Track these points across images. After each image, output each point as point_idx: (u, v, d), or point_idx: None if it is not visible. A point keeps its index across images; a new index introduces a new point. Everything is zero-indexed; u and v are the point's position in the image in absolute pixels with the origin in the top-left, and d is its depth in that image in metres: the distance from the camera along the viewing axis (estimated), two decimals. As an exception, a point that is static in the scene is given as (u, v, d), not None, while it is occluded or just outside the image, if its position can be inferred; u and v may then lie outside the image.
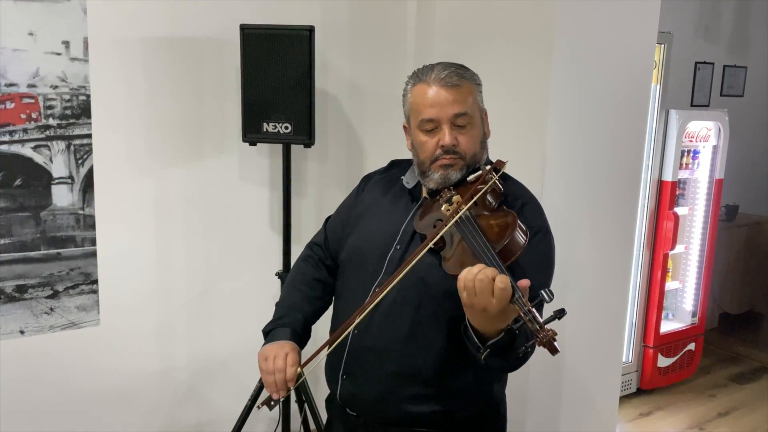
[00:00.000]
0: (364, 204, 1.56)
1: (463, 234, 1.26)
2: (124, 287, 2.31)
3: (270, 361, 1.41)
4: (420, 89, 1.40)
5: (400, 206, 1.49)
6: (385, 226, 1.46)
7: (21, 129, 2.06)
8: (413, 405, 1.39)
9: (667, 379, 3.70)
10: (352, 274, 1.48)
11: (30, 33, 2.03)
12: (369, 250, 1.45)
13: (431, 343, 1.37)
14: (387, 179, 1.58)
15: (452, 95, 1.37)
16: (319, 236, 1.66)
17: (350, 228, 1.54)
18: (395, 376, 1.39)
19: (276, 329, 1.49)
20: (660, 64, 3.42)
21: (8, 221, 2.09)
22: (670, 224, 3.53)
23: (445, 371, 1.38)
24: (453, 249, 1.28)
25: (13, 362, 2.15)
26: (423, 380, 1.38)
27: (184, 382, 2.48)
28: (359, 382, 1.43)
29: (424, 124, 1.39)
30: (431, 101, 1.37)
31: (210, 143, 2.39)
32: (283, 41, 2.10)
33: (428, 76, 1.40)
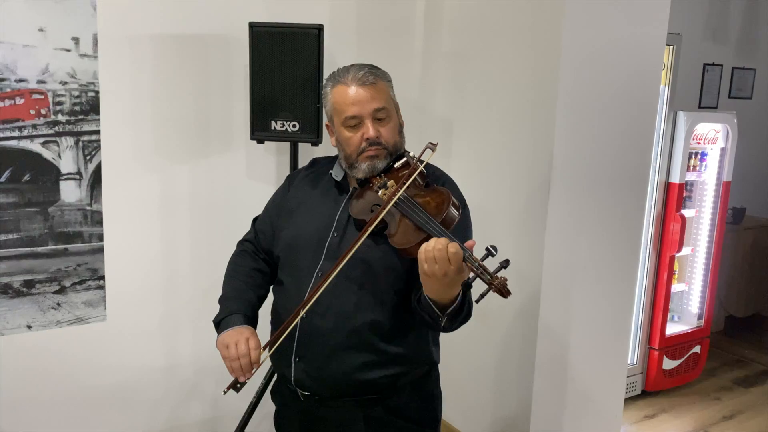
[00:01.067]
0: (295, 200, 1.66)
1: (404, 212, 1.42)
2: (130, 283, 2.32)
3: (232, 347, 1.47)
4: (340, 90, 1.53)
5: (331, 198, 1.61)
6: (319, 216, 1.58)
7: (30, 125, 2.07)
8: (364, 373, 1.51)
9: (672, 381, 3.69)
10: (292, 265, 1.58)
11: (40, 29, 2.04)
12: (306, 241, 1.56)
13: (375, 315, 1.50)
14: (313, 175, 1.70)
15: (370, 93, 1.51)
16: (249, 234, 1.77)
17: (282, 223, 1.65)
18: (345, 349, 1.50)
19: (227, 317, 1.56)
20: (668, 65, 3.40)
21: (16, 216, 2.10)
22: (676, 226, 3.51)
23: (390, 338, 1.52)
24: (396, 227, 1.43)
25: (21, 357, 2.17)
26: (371, 349, 1.50)
27: (189, 378, 2.49)
28: (312, 362, 1.52)
29: (348, 120, 1.52)
30: (352, 100, 1.51)
31: (217, 141, 2.40)
32: (292, 39, 2.10)
33: (345, 77, 1.53)
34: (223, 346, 1.50)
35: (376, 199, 1.50)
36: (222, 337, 1.52)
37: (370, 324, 1.50)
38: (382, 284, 1.51)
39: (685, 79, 3.85)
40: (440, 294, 1.33)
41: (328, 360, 1.51)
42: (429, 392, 1.65)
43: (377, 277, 1.50)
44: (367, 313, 1.50)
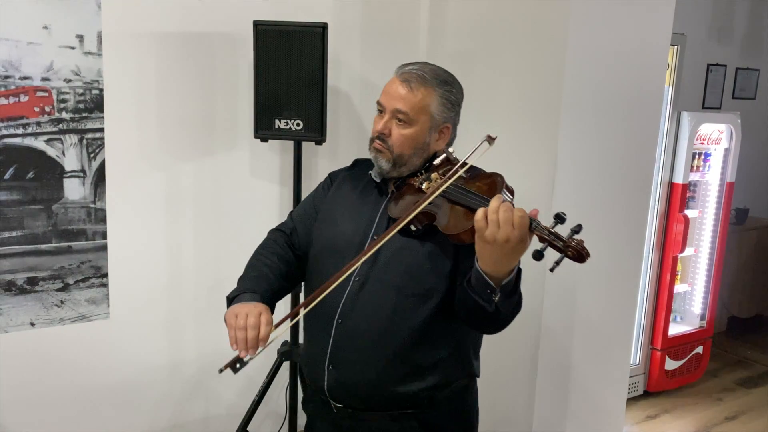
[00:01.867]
0: (334, 199, 1.60)
1: (455, 200, 1.35)
2: (134, 281, 2.32)
3: (242, 317, 1.33)
4: (392, 78, 1.51)
5: (371, 199, 1.55)
6: (358, 218, 1.52)
7: (34, 122, 2.08)
8: (400, 385, 1.43)
9: (674, 382, 3.69)
10: (328, 266, 1.48)
11: (44, 27, 2.04)
12: (344, 242, 1.49)
13: (415, 322, 1.41)
14: (353, 175, 1.64)
15: (403, 91, 1.46)
16: (285, 225, 1.66)
17: (319, 222, 1.59)
18: (383, 359, 1.42)
19: (243, 294, 1.43)
20: (673, 65, 3.40)
21: (20, 214, 2.10)
22: (680, 227, 3.51)
23: (430, 348, 1.43)
24: (447, 216, 1.36)
25: (24, 354, 2.17)
26: (409, 359, 1.42)
27: (192, 376, 2.49)
28: (347, 371, 1.44)
29: (378, 105, 1.51)
30: (386, 89, 1.49)
31: (221, 139, 2.40)
32: (296, 38, 2.10)
33: (403, 69, 1.50)
34: (231, 315, 1.36)
35: (417, 195, 1.43)
36: (233, 308, 1.38)
37: (409, 332, 1.41)
38: (422, 290, 1.42)
39: (689, 80, 3.84)
40: (497, 265, 1.24)
41: (362, 368, 1.42)
42: (467, 407, 1.57)
43: (419, 282, 1.41)
44: (406, 321, 1.41)
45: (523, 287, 1.38)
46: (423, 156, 1.51)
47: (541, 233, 1.20)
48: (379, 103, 1.50)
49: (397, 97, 1.46)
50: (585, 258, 1.18)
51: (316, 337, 1.48)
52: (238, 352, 1.34)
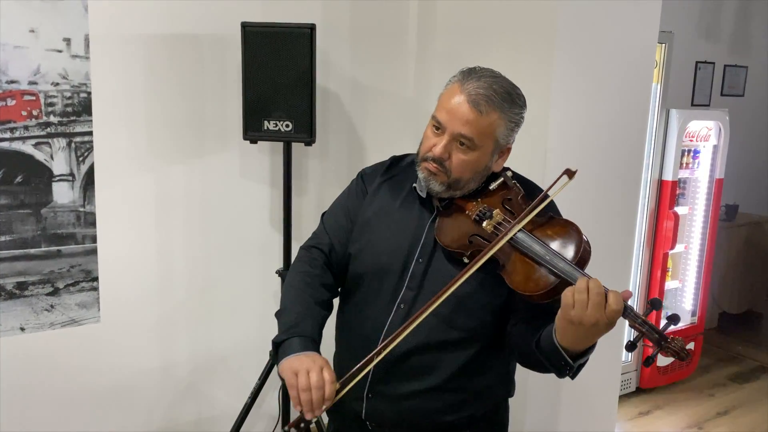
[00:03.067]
0: (372, 209, 1.46)
1: (524, 250, 1.22)
2: (124, 284, 2.31)
3: (303, 376, 1.23)
4: (454, 89, 1.33)
5: (413, 214, 1.42)
6: (401, 236, 1.40)
7: (22, 126, 2.07)
8: (445, 415, 1.38)
9: (666, 378, 3.70)
10: (369, 288, 1.41)
11: (31, 30, 2.03)
12: (387, 264, 1.38)
13: (464, 355, 1.36)
14: (392, 182, 1.49)
15: (470, 115, 1.30)
16: (321, 238, 1.52)
17: (357, 234, 1.46)
18: (428, 392, 1.36)
19: (292, 339, 1.32)
20: (661, 63, 3.41)
21: (9, 218, 2.09)
22: (670, 223, 3.53)
23: (476, 379, 1.38)
24: (512, 265, 1.23)
25: (14, 359, 2.16)
26: (455, 390, 1.37)
27: (184, 378, 2.49)
28: (388, 401, 1.38)
29: (435, 121, 1.35)
30: (449, 106, 1.31)
31: (211, 141, 2.40)
32: (285, 39, 2.10)
33: (468, 81, 1.32)
34: (291, 373, 1.25)
35: (475, 229, 1.30)
36: (290, 362, 1.27)
37: (457, 366, 1.35)
38: (476, 323, 1.34)
39: (677, 77, 3.87)
40: (578, 343, 1.16)
41: (405, 400, 1.37)
42: (500, 423, 1.52)
43: (471, 316, 1.34)
44: (455, 355, 1.35)
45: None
46: (480, 180, 1.38)
47: (634, 321, 1.12)
48: (436, 119, 1.33)
49: (463, 120, 1.29)
50: (686, 359, 1.10)
51: (354, 361, 1.33)
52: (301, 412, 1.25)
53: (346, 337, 1.48)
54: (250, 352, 2.51)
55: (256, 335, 2.46)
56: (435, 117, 1.35)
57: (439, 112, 1.34)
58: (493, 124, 1.32)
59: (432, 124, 1.36)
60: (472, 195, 1.37)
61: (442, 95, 1.36)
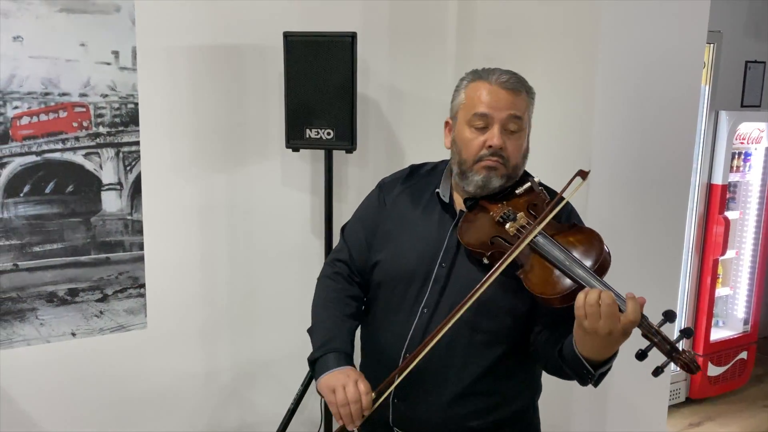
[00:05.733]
0: (393, 218, 1.49)
1: (544, 254, 1.23)
2: (170, 291, 2.36)
3: (340, 392, 1.30)
4: (478, 85, 1.38)
5: (434, 220, 1.44)
6: (423, 243, 1.42)
7: (73, 137, 2.13)
8: (472, 420, 1.39)
9: (717, 388, 3.59)
10: (392, 295, 1.43)
11: (82, 44, 2.10)
12: (409, 269, 1.41)
13: (490, 360, 1.36)
14: (412, 189, 1.52)
15: (511, 97, 1.35)
16: (342, 252, 1.57)
17: (379, 244, 1.48)
18: (454, 396, 1.37)
19: (326, 356, 1.38)
20: (709, 64, 3.33)
21: (61, 227, 2.15)
22: (720, 229, 3.43)
23: (503, 383, 1.39)
24: (531, 268, 1.24)
25: (66, 363, 2.22)
26: (481, 395, 1.38)
27: (227, 384, 2.52)
28: (415, 406, 1.40)
29: (476, 119, 1.36)
30: (489, 98, 1.35)
31: (253, 149, 2.43)
32: (326, 48, 2.12)
33: (490, 76, 1.38)
34: (329, 390, 1.32)
35: (498, 231, 1.32)
36: (327, 380, 1.34)
37: (482, 370, 1.37)
38: (499, 326, 1.35)
39: (726, 78, 3.76)
40: (597, 353, 1.18)
41: (433, 405, 1.39)
42: (528, 424, 1.52)
43: (494, 319, 1.35)
44: (480, 359, 1.36)
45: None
46: (525, 161, 1.45)
47: (647, 331, 1.13)
48: (480, 116, 1.35)
49: (508, 104, 1.35)
50: (695, 372, 1.11)
51: (378, 368, 1.40)
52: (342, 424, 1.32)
53: (372, 344, 1.49)
54: (292, 358, 2.53)
55: (298, 341, 2.46)
56: (475, 115, 1.36)
57: (479, 107, 1.35)
58: (526, 102, 1.39)
59: (472, 125, 1.37)
60: (498, 198, 1.39)
61: (468, 96, 1.39)
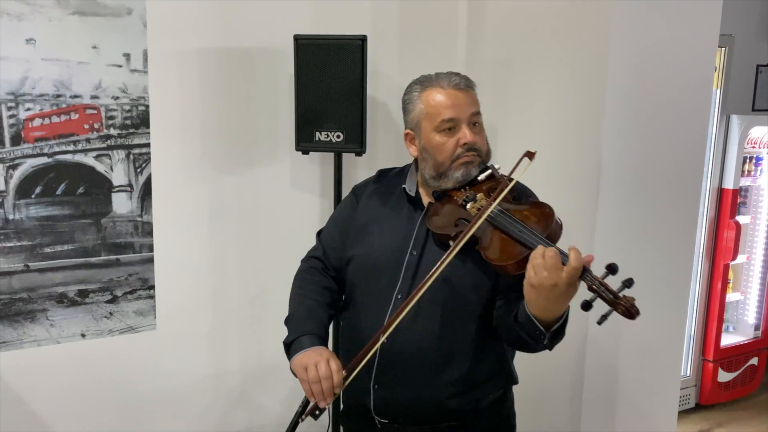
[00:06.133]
0: (364, 216, 1.58)
1: (500, 227, 1.33)
2: (179, 292, 2.36)
3: (312, 369, 1.37)
4: (434, 92, 1.48)
5: (403, 214, 1.53)
6: (393, 234, 1.51)
7: (84, 139, 2.14)
8: (448, 400, 1.44)
9: (728, 394, 3.56)
10: (368, 286, 1.49)
11: (94, 46, 2.11)
12: (382, 260, 1.48)
13: (461, 337, 1.43)
14: (381, 189, 1.62)
15: (468, 97, 1.48)
16: (317, 251, 1.67)
17: (352, 241, 1.56)
18: (430, 376, 1.43)
19: (301, 338, 1.46)
20: (720, 67, 3.30)
21: (71, 228, 2.17)
22: (731, 233, 3.40)
23: (476, 362, 1.44)
24: (489, 241, 1.34)
25: (75, 364, 2.23)
26: (456, 374, 1.43)
27: (236, 386, 2.52)
28: (393, 390, 1.45)
29: (444, 124, 1.46)
30: (450, 103, 1.46)
31: (263, 152, 2.43)
32: (336, 51, 2.12)
33: (439, 81, 1.49)
34: (301, 368, 1.39)
35: (461, 213, 1.42)
36: (300, 358, 1.41)
37: (455, 348, 1.43)
38: (468, 305, 1.43)
39: (737, 82, 3.73)
40: (546, 310, 1.24)
41: (411, 387, 1.44)
42: (506, 414, 1.58)
43: (462, 298, 1.42)
44: (452, 337, 1.42)
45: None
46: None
47: (591, 283, 1.18)
48: (447, 121, 1.46)
49: (468, 103, 1.47)
50: (635, 317, 1.16)
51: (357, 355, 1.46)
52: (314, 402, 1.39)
53: (352, 334, 1.55)
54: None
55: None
56: (443, 121, 1.46)
57: (444, 113, 1.46)
58: (476, 97, 1.52)
59: (439, 132, 1.47)
60: (463, 186, 1.49)
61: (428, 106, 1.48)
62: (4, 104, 2.02)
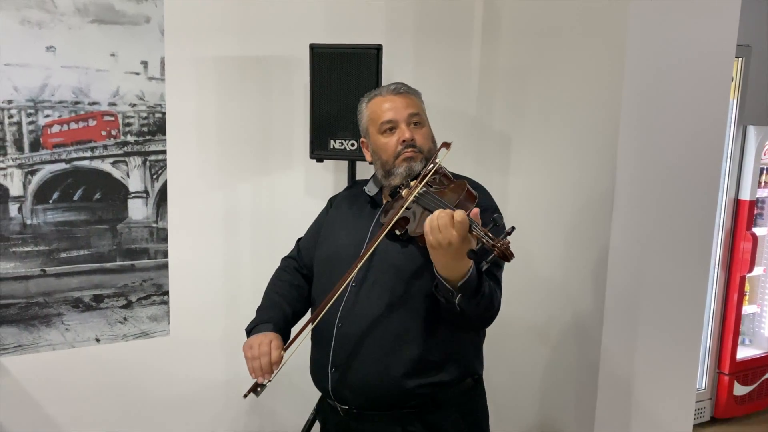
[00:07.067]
0: (333, 219, 1.74)
1: (425, 205, 1.44)
2: (193, 298, 2.37)
3: (255, 347, 1.50)
4: (375, 102, 1.64)
5: (365, 214, 1.66)
6: (353, 231, 1.63)
7: (101, 145, 2.16)
8: (399, 381, 1.49)
9: (744, 408, 3.51)
10: (327, 278, 1.60)
11: (112, 54, 2.14)
12: (341, 254, 1.59)
13: (408, 320, 1.50)
14: (350, 196, 1.78)
15: (404, 100, 1.61)
16: (293, 251, 1.84)
17: (321, 239, 1.71)
18: (380, 356, 1.50)
19: (258, 325, 1.60)
20: (737, 78, 3.28)
21: (87, 233, 2.19)
22: (747, 245, 3.37)
23: (425, 345, 1.50)
24: (416, 219, 1.46)
25: (89, 369, 2.24)
26: (405, 356, 1.49)
27: (248, 393, 2.52)
28: (348, 371, 1.52)
29: (384, 125, 1.59)
30: (388, 107, 1.60)
31: (277, 159, 2.44)
32: (351, 60, 2.13)
33: (379, 91, 1.65)
34: (246, 348, 1.54)
35: (401, 202, 1.53)
36: (248, 341, 1.56)
37: (403, 329, 1.50)
38: (413, 289, 1.51)
39: (755, 92, 3.69)
40: (449, 268, 1.32)
41: (362, 367, 1.51)
42: (474, 409, 1.62)
43: (407, 282, 1.51)
44: (399, 319, 1.50)
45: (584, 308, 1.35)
46: (435, 144, 1.65)
47: (478, 234, 1.26)
48: (387, 122, 1.59)
49: (404, 105, 1.60)
50: (508, 258, 1.24)
51: (319, 343, 1.59)
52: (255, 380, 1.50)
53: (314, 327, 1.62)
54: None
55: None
56: (383, 123, 1.59)
57: (384, 116, 1.59)
58: (416, 100, 1.64)
59: (381, 132, 1.60)
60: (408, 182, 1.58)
61: (371, 113, 1.63)
62: (24, 111, 2.04)
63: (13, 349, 2.13)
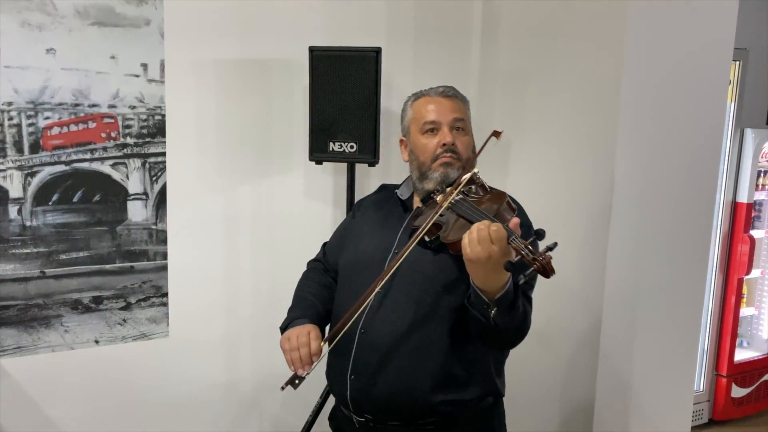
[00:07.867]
0: (360, 223, 1.71)
1: (460, 213, 1.41)
2: (192, 300, 2.38)
3: (293, 339, 1.46)
4: (421, 101, 1.62)
5: (394, 217, 1.63)
6: (381, 235, 1.60)
7: (101, 147, 2.17)
8: (419, 394, 1.45)
9: (741, 410, 3.52)
10: (352, 281, 1.57)
11: (112, 56, 2.14)
12: (368, 258, 1.57)
13: (432, 331, 1.46)
14: (379, 199, 1.75)
15: (451, 104, 1.59)
16: (319, 254, 1.83)
17: (348, 244, 1.68)
18: (402, 369, 1.45)
19: (294, 321, 1.56)
20: (735, 81, 3.30)
21: (87, 235, 2.19)
22: (745, 248, 3.38)
23: (448, 357, 1.46)
24: (450, 227, 1.42)
25: (88, 370, 2.24)
26: (428, 367, 1.45)
27: (247, 394, 2.53)
28: (368, 380, 1.48)
29: (427, 125, 1.58)
30: (433, 107, 1.59)
31: (277, 161, 2.45)
32: (351, 62, 2.14)
33: (429, 91, 1.63)
34: (284, 340, 1.50)
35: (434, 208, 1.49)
36: (285, 333, 1.52)
37: (427, 340, 1.45)
38: (440, 299, 1.47)
39: (752, 95, 3.71)
40: (487, 281, 1.28)
41: (383, 377, 1.47)
42: (491, 428, 1.57)
43: (435, 292, 1.47)
44: (424, 329, 1.46)
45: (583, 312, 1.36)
46: (475, 155, 1.62)
47: (518, 246, 1.23)
48: (429, 122, 1.57)
49: (451, 109, 1.58)
50: (549, 274, 1.20)
51: (340, 349, 1.53)
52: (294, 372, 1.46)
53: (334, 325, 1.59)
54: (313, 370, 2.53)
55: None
56: (425, 123, 1.57)
57: (427, 116, 1.57)
58: (463, 107, 1.62)
59: (422, 132, 1.58)
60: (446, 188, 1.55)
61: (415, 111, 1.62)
62: (24, 113, 2.05)
63: (12, 350, 2.13)
